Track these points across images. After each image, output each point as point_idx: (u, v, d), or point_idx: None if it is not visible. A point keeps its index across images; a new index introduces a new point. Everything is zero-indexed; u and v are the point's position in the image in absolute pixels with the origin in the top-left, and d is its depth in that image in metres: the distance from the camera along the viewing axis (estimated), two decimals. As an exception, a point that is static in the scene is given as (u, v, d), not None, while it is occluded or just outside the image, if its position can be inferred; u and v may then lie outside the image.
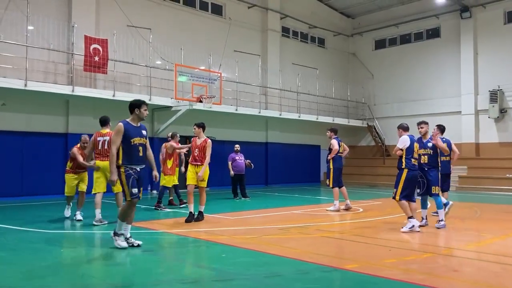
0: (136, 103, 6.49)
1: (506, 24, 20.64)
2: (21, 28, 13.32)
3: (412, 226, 7.60)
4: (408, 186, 7.80)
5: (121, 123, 6.26)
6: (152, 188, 16.69)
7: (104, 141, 8.87)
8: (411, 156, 7.84)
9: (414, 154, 7.87)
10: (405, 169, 7.81)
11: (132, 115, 6.45)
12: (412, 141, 7.93)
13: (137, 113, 6.42)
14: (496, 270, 5.25)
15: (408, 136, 7.99)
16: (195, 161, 9.06)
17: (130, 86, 16.09)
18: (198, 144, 9.16)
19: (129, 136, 6.22)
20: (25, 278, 4.76)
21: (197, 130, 9.34)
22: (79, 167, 9.17)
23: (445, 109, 21.69)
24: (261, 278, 4.83)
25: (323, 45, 25.03)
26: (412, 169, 7.82)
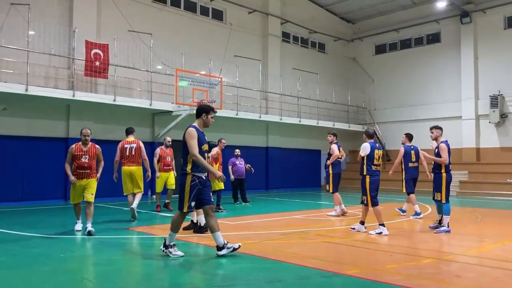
0: (205, 108, 6.20)
1: (506, 29, 20.68)
2: (22, 33, 13.36)
3: (381, 232, 7.93)
4: (373, 191, 8.20)
5: (193, 128, 5.98)
6: (152, 193, 16.67)
7: (131, 148, 9.87)
8: (371, 162, 8.15)
9: (374, 161, 8.17)
10: (367, 175, 8.17)
11: (198, 120, 6.16)
12: (373, 148, 8.19)
13: (204, 119, 6.14)
14: (498, 275, 5.23)
15: (369, 143, 8.29)
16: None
17: (131, 91, 16.11)
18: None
19: (200, 142, 5.95)
20: (25, 284, 4.74)
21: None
22: (80, 168, 8.03)
23: (446, 114, 21.69)
24: (262, 283, 4.81)
25: (324, 50, 25.08)
26: (373, 175, 8.16)
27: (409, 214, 11.03)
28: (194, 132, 5.91)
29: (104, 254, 6.33)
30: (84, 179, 8.05)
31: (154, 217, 10.71)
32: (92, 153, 8.17)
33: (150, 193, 16.73)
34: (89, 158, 8.09)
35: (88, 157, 8.09)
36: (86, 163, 8.04)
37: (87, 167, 8.06)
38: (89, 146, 8.18)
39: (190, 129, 5.97)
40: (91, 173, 8.12)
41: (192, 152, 5.78)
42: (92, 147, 8.23)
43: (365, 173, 8.20)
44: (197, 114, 6.17)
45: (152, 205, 13.64)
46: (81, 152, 8.06)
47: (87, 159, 8.04)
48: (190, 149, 5.79)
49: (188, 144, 5.84)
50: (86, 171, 8.06)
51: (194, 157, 5.77)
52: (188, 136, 5.90)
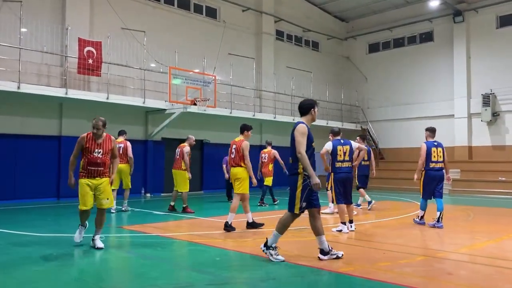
0: (313, 103, 5.88)
1: (498, 28, 20.82)
2: (14, 30, 13.25)
3: (341, 230, 8.05)
4: (337, 188, 8.23)
5: (304, 124, 5.65)
6: (146, 191, 16.64)
7: (119, 147, 10.04)
8: (335, 160, 8.26)
9: (338, 157, 8.24)
10: (332, 172, 8.38)
11: (307, 116, 5.84)
12: (335, 145, 8.32)
13: (312, 114, 5.83)
14: (490, 272, 5.27)
15: (333, 141, 8.50)
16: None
17: (124, 89, 16.05)
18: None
19: (309, 139, 5.66)
20: (18, 283, 4.72)
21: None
22: (92, 164, 6.55)
23: (438, 113, 21.82)
24: (256, 281, 4.82)
25: (317, 48, 25.11)
26: (337, 172, 8.24)
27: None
28: (305, 129, 5.62)
29: (97, 253, 6.30)
30: (96, 178, 6.60)
31: (147, 215, 10.69)
32: (108, 147, 6.69)
33: (144, 191, 16.70)
34: (103, 152, 6.61)
35: (102, 152, 6.61)
36: (99, 159, 6.57)
37: (101, 163, 6.59)
38: (103, 138, 6.70)
39: (301, 125, 5.64)
40: (104, 171, 6.67)
41: (299, 150, 5.50)
42: (107, 139, 6.74)
43: (330, 171, 8.44)
44: (305, 110, 5.85)
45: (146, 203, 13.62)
46: (94, 145, 6.58)
47: (100, 154, 6.58)
48: (298, 146, 5.51)
49: (297, 140, 5.54)
50: (99, 169, 6.59)
51: (299, 155, 5.51)
52: (298, 132, 5.58)
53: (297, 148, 5.52)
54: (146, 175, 16.64)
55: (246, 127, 9.27)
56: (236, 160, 8.55)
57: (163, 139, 17.55)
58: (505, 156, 19.89)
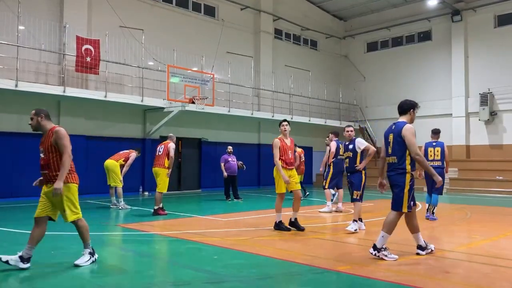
0: (414, 104, 6.04)
1: (496, 27, 20.85)
2: (12, 28, 13.21)
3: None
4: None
5: (411, 125, 5.84)
6: (143, 190, 16.63)
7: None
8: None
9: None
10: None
11: (406, 116, 5.95)
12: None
13: (411, 115, 5.96)
14: (487, 271, 5.28)
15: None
16: (291, 165, 8.09)
17: (122, 87, 16.02)
18: (289, 145, 8.21)
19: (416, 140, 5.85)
20: (14, 281, 4.72)
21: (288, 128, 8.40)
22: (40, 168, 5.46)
23: (436, 112, 21.85)
24: (253, 280, 4.82)
25: (316, 47, 25.11)
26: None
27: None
28: (414, 129, 5.78)
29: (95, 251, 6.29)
30: (48, 185, 5.39)
31: (144, 213, 10.67)
32: (47, 143, 5.33)
33: (142, 189, 16.70)
34: (44, 152, 5.33)
35: (43, 151, 5.35)
36: (42, 160, 5.37)
37: (44, 165, 5.35)
38: (46, 135, 5.42)
39: (409, 125, 5.78)
40: (51, 175, 5.29)
41: (416, 151, 5.66)
42: (49, 134, 5.38)
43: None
44: (405, 110, 5.98)
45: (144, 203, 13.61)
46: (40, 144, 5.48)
47: (42, 154, 5.37)
48: (414, 147, 5.67)
49: (411, 142, 5.67)
50: (44, 172, 5.38)
51: (418, 156, 5.65)
52: (409, 133, 5.70)
53: (413, 149, 5.68)
54: (144, 174, 16.62)
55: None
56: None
57: (161, 137, 17.52)
58: (503, 155, 19.94)
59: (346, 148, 8.51)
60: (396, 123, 5.92)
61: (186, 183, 18.26)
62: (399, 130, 5.77)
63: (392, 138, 5.84)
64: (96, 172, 14.82)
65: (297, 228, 7.99)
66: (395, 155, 5.80)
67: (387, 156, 5.94)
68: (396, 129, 5.82)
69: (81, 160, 15.14)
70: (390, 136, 5.89)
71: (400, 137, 5.73)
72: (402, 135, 5.71)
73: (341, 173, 11.54)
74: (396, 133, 5.79)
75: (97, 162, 14.28)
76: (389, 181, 5.95)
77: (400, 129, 5.74)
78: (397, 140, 5.76)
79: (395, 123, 5.93)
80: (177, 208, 11.03)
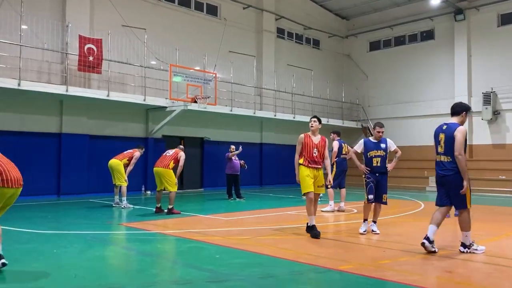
0: (467, 107, 6.30)
1: (499, 26, 20.77)
2: (15, 27, 13.24)
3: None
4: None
5: (463, 127, 6.10)
6: (146, 189, 16.65)
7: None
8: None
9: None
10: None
11: (458, 117, 6.20)
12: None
13: (463, 117, 6.21)
14: (489, 271, 5.27)
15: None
16: (314, 164, 7.48)
17: (125, 86, 16.04)
18: (316, 142, 7.60)
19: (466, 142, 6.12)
20: (17, 280, 4.73)
21: (316, 125, 7.76)
22: None
23: (439, 111, 21.74)
24: (255, 279, 4.82)
25: (318, 46, 25.08)
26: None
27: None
28: (466, 132, 6.05)
29: (97, 250, 6.31)
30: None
31: (146, 212, 10.69)
32: None
33: (144, 188, 16.72)
34: None
35: None
36: None
37: None
38: None
39: (463, 128, 6.04)
40: None
41: (459, 150, 5.88)
42: None
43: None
44: (457, 112, 6.23)
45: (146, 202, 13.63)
46: None
47: None
48: (459, 146, 5.87)
49: (459, 141, 5.90)
50: None
51: (460, 156, 5.88)
52: (461, 134, 5.97)
53: (458, 148, 5.89)
54: (147, 173, 16.63)
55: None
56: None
57: (163, 136, 17.55)
58: (506, 155, 19.87)
59: (377, 146, 7.80)
60: (447, 123, 6.18)
61: (189, 182, 18.27)
62: (452, 131, 6.04)
63: (443, 137, 6.12)
64: (98, 171, 14.87)
65: (312, 234, 7.27)
66: (448, 154, 6.06)
67: (438, 154, 6.21)
68: (449, 130, 6.09)
69: (83, 159, 15.22)
70: (441, 135, 6.16)
71: (452, 137, 5.98)
72: (454, 135, 5.96)
73: (344, 172, 11.56)
74: (449, 133, 6.06)
75: (100, 161, 14.33)
76: (441, 180, 6.17)
77: (453, 130, 6.02)
78: (450, 140, 6.02)
79: (447, 124, 6.19)
80: (179, 207, 11.04)
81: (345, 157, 11.46)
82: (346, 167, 11.63)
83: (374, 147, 7.79)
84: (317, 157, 7.45)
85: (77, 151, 14.99)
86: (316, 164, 7.43)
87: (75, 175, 14.89)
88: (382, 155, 7.77)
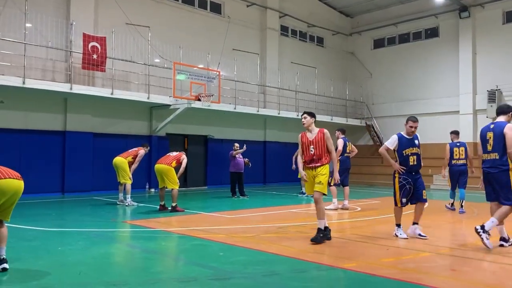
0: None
1: (504, 24, 20.65)
2: (19, 26, 13.27)
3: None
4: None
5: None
6: (150, 187, 16.69)
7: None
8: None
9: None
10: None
11: (505, 117, 6.49)
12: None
13: (509, 117, 6.49)
14: (494, 269, 5.25)
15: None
16: (311, 163, 6.91)
17: (129, 84, 16.07)
18: (312, 139, 7.02)
19: None
20: (22, 277, 4.75)
21: (307, 121, 7.17)
22: None
23: (443, 109, 21.72)
24: (259, 276, 4.83)
25: (322, 44, 25.02)
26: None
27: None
28: None
29: (101, 247, 6.34)
30: None
31: (150, 210, 10.72)
32: None
33: (148, 186, 16.76)
34: None
35: None
36: None
37: None
38: None
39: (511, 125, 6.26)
40: None
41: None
42: None
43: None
44: (504, 112, 6.53)
45: (150, 199, 13.66)
46: None
47: None
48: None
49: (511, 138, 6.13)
50: None
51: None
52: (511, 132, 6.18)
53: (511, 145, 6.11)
54: (151, 171, 16.65)
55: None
56: None
57: (167, 134, 17.59)
58: (510, 153, 19.77)
59: (411, 143, 7.05)
60: (495, 122, 6.47)
61: (192, 180, 18.30)
62: (501, 129, 6.28)
63: (492, 136, 6.40)
64: (102, 169, 14.92)
65: (314, 237, 6.61)
66: (496, 152, 6.35)
67: (486, 153, 6.55)
68: (498, 128, 6.36)
69: (88, 157, 15.26)
70: (489, 134, 6.46)
71: (501, 135, 6.22)
72: (503, 133, 6.20)
73: (347, 170, 11.53)
74: (498, 131, 6.32)
75: (104, 159, 14.37)
76: (487, 177, 6.55)
77: (502, 128, 6.26)
78: (499, 137, 6.28)
79: (494, 123, 6.47)
80: (183, 205, 11.06)
81: (349, 155, 11.45)
82: (350, 165, 11.61)
83: (409, 144, 7.05)
84: (315, 154, 6.86)
85: (82, 148, 15.04)
86: (313, 163, 6.87)
87: (80, 173, 14.94)
88: (417, 152, 7.07)
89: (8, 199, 4.87)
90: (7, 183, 4.83)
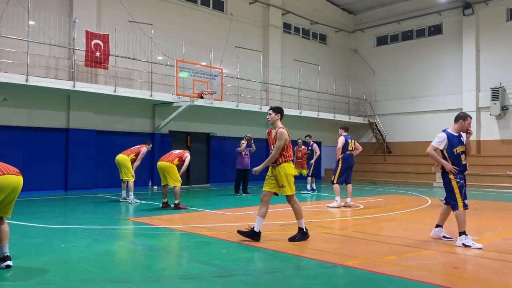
0: None
1: (508, 21, 20.56)
2: (22, 23, 13.30)
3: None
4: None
5: None
6: (153, 184, 16.72)
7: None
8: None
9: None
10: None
11: None
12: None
13: None
14: (497, 267, 5.24)
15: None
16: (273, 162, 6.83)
17: (131, 81, 16.08)
18: (272, 137, 6.93)
19: None
20: (25, 273, 4.77)
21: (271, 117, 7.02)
22: None
23: (447, 106, 21.64)
24: (261, 274, 4.84)
25: (325, 41, 24.97)
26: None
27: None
28: None
29: (104, 244, 6.35)
30: None
31: (153, 207, 10.73)
32: None
33: (151, 184, 16.79)
34: None
35: None
36: None
37: None
38: None
39: None
40: None
41: None
42: None
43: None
44: None
45: (153, 196, 13.68)
46: None
47: None
48: None
49: None
50: None
51: None
52: None
53: None
54: (153, 168, 16.69)
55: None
56: None
57: (170, 132, 17.60)
58: (514, 151, 19.73)
59: (461, 141, 6.54)
60: None
61: (195, 178, 18.31)
62: None
63: None
64: (105, 166, 14.95)
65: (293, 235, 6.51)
66: None
67: None
68: None
69: (90, 154, 15.30)
70: None
71: None
72: None
73: (350, 168, 11.50)
74: None
75: (107, 157, 14.40)
76: None
77: None
78: None
79: None
80: (186, 202, 11.08)
81: (351, 153, 11.40)
82: (353, 162, 11.55)
83: (458, 142, 6.48)
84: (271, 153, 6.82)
85: (84, 146, 15.08)
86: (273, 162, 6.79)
87: (83, 170, 14.98)
88: (465, 151, 6.56)
89: (7, 195, 4.88)
90: (6, 179, 4.85)
